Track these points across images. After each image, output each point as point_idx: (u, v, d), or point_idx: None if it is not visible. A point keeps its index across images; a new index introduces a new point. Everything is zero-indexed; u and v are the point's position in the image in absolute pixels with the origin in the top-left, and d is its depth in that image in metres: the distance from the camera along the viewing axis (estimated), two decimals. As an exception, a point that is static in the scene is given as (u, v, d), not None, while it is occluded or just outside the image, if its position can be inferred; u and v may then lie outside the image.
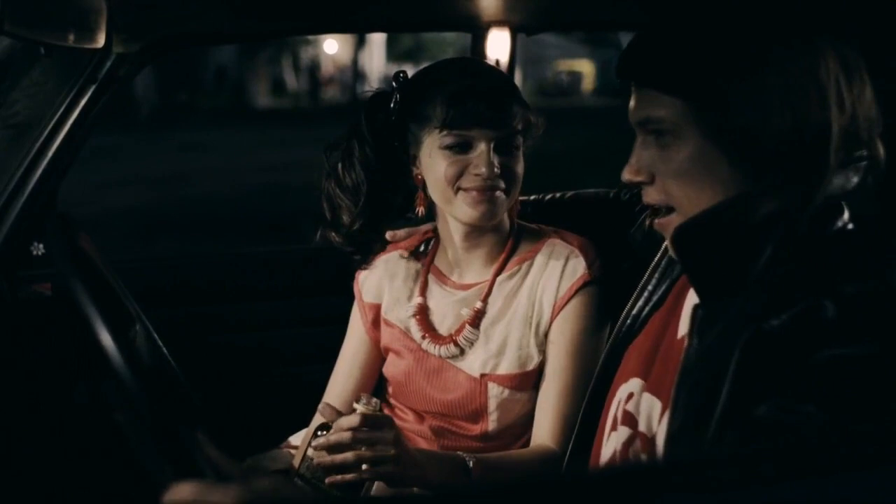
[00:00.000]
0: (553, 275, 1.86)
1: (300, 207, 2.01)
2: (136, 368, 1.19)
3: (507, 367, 1.86)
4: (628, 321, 1.59)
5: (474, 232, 1.88)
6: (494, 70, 1.96)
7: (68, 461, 1.71)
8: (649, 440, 1.37)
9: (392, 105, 1.88)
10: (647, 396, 1.43)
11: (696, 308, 1.21)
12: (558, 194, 2.17)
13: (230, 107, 25.42)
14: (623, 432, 1.46)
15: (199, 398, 1.83)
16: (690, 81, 1.23)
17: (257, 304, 2.73)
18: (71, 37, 1.59)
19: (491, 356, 1.87)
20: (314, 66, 33.14)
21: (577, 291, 1.83)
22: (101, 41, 1.67)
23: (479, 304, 1.89)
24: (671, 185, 1.27)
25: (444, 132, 1.77)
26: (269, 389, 2.62)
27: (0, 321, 2.12)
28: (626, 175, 1.31)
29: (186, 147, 15.49)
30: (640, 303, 1.59)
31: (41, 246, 2.22)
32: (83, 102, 2.14)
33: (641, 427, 1.41)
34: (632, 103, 1.30)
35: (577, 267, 1.84)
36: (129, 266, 2.60)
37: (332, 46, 32.82)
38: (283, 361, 2.68)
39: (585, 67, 35.74)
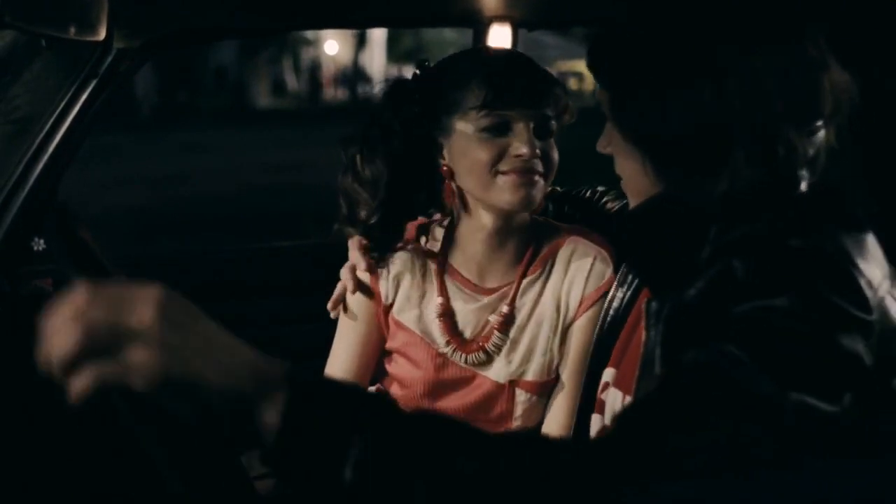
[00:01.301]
0: (579, 276, 1.80)
1: (301, 207, 2.00)
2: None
3: (535, 373, 1.80)
4: (610, 311, 1.60)
5: (505, 225, 1.79)
6: (527, 57, 1.83)
7: (70, 457, 1.70)
8: None
9: (417, 94, 1.79)
10: (612, 390, 1.45)
11: (648, 301, 1.20)
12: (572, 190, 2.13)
13: (230, 107, 25.49)
14: (597, 420, 1.49)
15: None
16: (606, 74, 1.27)
17: (257, 300, 2.72)
18: (72, 29, 1.59)
19: (518, 362, 1.80)
20: (315, 67, 33.19)
21: (603, 294, 1.75)
22: (101, 34, 1.66)
23: (506, 309, 1.80)
24: (616, 162, 1.30)
25: (483, 113, 1.68)
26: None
27: (0, 317, 2.12)
28: (598, 146, 1.33)
29: (187, 147, 15.51)
30: (619, 293, 1.59)
31: (42, 241, 2.21)
32: (84, 98, 2.13)
33: (607, 419, 1.42)
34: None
35: (605, 270, 1.79)
36: (129, 262, 2.60)
37: (333, 47, 32.89)
38: (283, 357, 2.66)
39: (585, 68, 35.78)
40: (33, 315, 0.93)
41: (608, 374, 1.50)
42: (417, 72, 1.85)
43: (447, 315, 1.83)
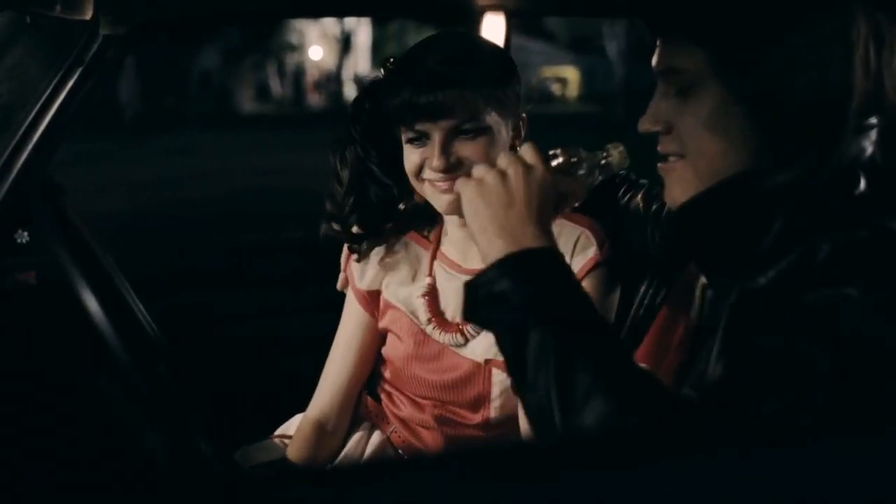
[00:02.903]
0: (563, 255, 1.80)
1: (287, 210, 1.98)
2: (123, 335, 1.15)
3: None
4: (641, 310, 1.57)
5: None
6: (455, 50, 1.77)
7: (59, 452, 1.66)
8: None
9: (381, 94, 1.81)
10: None
11: (703, 288, 1.18)
12: None
13: (215, 112, 25.45)
14: None
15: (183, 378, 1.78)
16: (716, 31, 1.21)
17: (248, 293, 2.69)
18: (58, 7, 1.55)
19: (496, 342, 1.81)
20: (299, 72, 33.19)
21: (588, 272, 1.77)
22: (87, 14, 1.62)
23: None
24: (687, 136, 1.25)
25: (402, 126, 1.74)
26: (260, 379, 2.58)
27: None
28: (645, 124, 1.30)
29: (172, 152, 15.47)
30: (651, 290, 1.56)
31: (25, 234, 2.16)
32: (69, 86, 2.08)
33: None
34: (656, 53, 1.30)
35: (588, 248, 1.79)
36: (120, 255, 2.56)
37: (318, 52, 32.88)
38: (274, 351, 2.64)
39: (570, 74, 35.91)
40: (15, 308, 0.94)
41: None
42: (383, 71, 1.84)
43: (432, 294, 1.90)
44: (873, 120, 1.20)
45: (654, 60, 1.30)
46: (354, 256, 1.95)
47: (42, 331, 1.94)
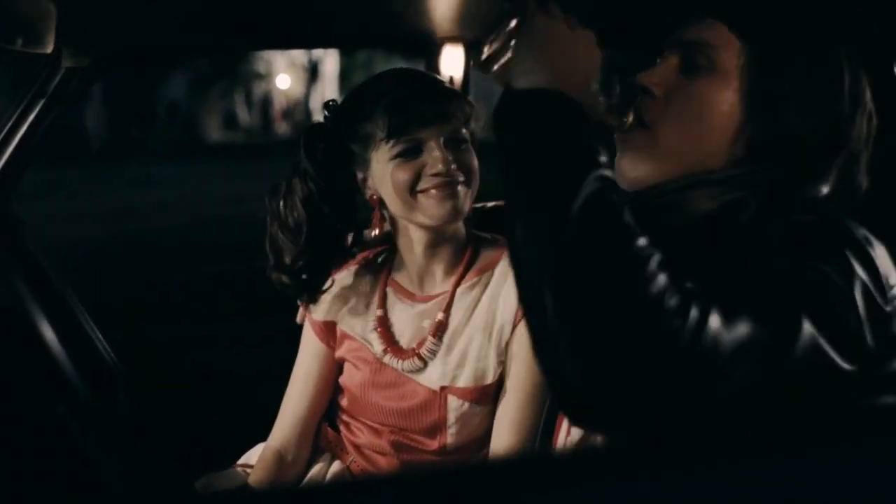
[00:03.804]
0: (514, 285, 1.83)
1: (252, 239, 1.99)
2: (82, 365, 1.16)
3: (466, 379, 1.84)
4: None
5: (436, 239, 1.86)
6: (425, 73, 1.95)
7: (17, 480, 1.66)
8: None
9: (330, 134, 1.86)
10: None
11: None
12: (501, 203, 2.16)
13: (182, 141, 25.28)
14: (576, 433, 1.46)
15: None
16: (765, 32, 1.25)
17: (209, 323, 2.70)
18: (19, 40, 1.57)
19: (451, 368, 1.85)
20: (267, 101, 33.13)
21: None
22: (49, 47, 1.64)
23: (440, 316, 1.87)
24: (675, 111, 1.27)
25: (392, 142, 1.76)
26: (222, 408, 2.58)
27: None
28: (645, 78, 1.30)
29: (137, 181, 15.36)
30: None
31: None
32: (31, 117, 2.11)
33: None
34: (684, 27, 1.30)
35: None
36: (82, 285, 2.56)
37: (285, 81, 32.84)
38: (237, 380, 2.64)
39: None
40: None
41: None
42: (326, 113, 1.91)
43: (384, 325, 1.92)
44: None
45: (677, 31, 1.31)
46: (300, 313, 2.01)
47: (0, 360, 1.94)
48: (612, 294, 0.92)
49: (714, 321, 0.92)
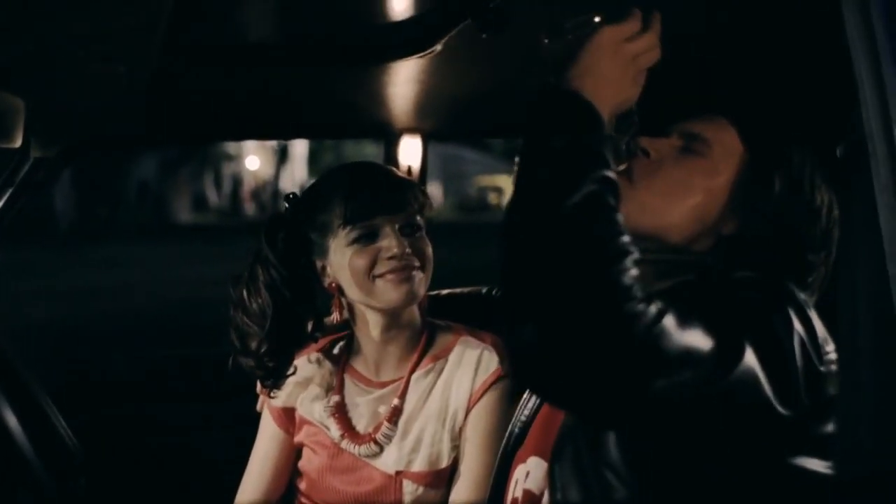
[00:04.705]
0: (467, 371, 1.88)
1: (218, 321, 2.01)
2: (41, 450, 1.19)
3: (421, 464, 1.87)
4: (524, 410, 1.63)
5: (392, 323, 1.90)
6: (381, 165, 2.06)
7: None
8: None
9: (290, 224, 1.92)
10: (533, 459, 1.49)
11: None
12: (456, 290, 2.23)
13: (151, 222, 25.22)
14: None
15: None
16: (765, 138, 1.43)
17: (170, 406, 2.70)
18: (-12, 135, 1.61)
19: (406, 453, 1.87)
20: (236, 182, 33.20)
21: (490, 386, 1.85)
22: (17, 141, 1.69)
23: (396, 402, 1.90)
24: (660, 175, 1.40)
25: (349, 228, 1.82)
26: (184, 492, 2.58)
27: None
28: (647, 142, 1.41)
29: (104, 262, 15.30)
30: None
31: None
32: (-1, 206, 2.14)
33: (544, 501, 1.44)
34: (695, 118, 1.46)
35: (491, 363, 1.87)
36: (44, 366, 2.57)
37: (254, 162, 32.98)
38: (199, 464, 2.64)
39: (505, 182, 36.31)
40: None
41: (532, 463, 1.51)
42: (286, 205, 1.98)
43: (341, 411, 1.94)
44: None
45: (691, 120, 1.45)
46: (262, 398, 2.02)
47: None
48: (588, 268, 1.05)
49: (669, 321, 1.05)
